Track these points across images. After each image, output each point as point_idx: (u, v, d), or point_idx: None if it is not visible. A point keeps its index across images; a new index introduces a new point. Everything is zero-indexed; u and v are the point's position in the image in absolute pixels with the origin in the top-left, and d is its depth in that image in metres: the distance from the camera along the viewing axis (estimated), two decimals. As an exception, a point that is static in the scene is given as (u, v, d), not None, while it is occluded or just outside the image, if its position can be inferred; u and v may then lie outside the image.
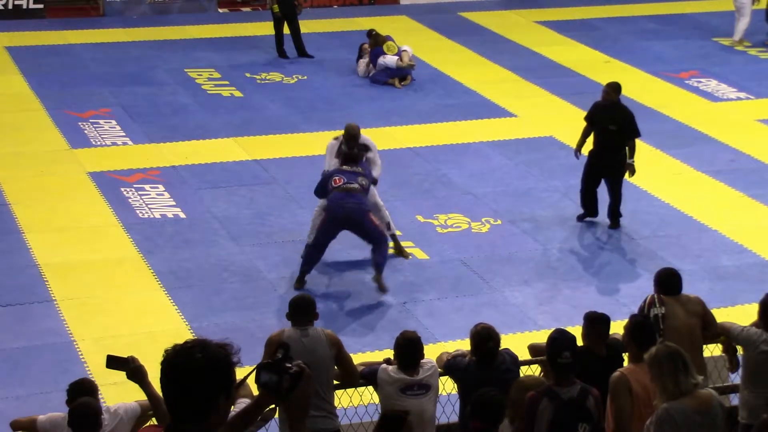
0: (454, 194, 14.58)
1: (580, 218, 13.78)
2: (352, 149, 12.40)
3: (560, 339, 7.40)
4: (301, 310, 8.13)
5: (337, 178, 12.00)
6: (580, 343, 8.33)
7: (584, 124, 13.69)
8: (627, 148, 13.38)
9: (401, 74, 18.95)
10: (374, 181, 12.57)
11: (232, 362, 3.71)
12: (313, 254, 12.10)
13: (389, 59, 18.89)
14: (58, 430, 7.28)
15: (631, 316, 8.12)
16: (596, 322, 8.23)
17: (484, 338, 7.86)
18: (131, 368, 6.89)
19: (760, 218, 14.06)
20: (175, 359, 3.73)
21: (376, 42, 19.18)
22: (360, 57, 19.58)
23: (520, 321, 11.50)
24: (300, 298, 8.30)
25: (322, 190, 12.19)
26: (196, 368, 3.70)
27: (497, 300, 11.94)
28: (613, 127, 13.34)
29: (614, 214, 13.67)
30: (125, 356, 6.72)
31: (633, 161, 13.41)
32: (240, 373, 3.96)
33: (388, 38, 19.31)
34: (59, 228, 13.45)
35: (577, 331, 8.22)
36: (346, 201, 11.84)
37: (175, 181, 14.87)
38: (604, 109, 13.56)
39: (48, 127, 16.65)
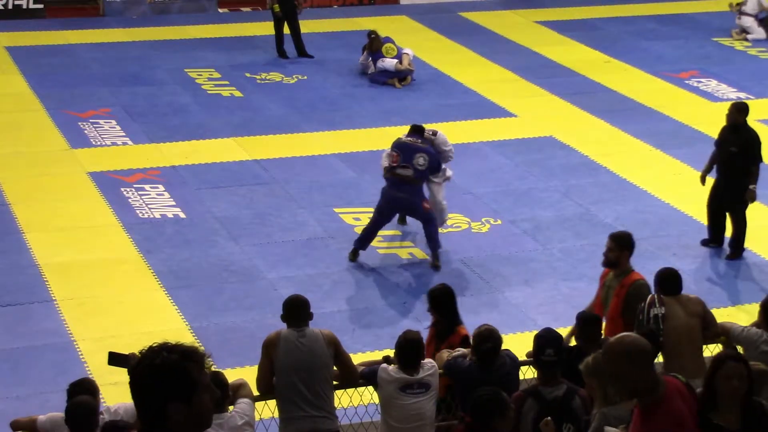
0: (454, 194, 14.55)
1: (704, 243, 13.09)
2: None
3: (545, 337, 7.46)
4: (296, 311, 8.09)
5: (395, 153, 12.37)
6: (574, 342, 8.37)
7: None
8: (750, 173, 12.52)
9: (400, 74, 18.95)
10: (446, 177, 12.98)
11: (185, 369, 3.59)
12: (369, 232, 12.60)
13: (388, 62, 18.89)
14: (58, 430, 7.28)
15: (638, 328, 8.14)
16: (588, 323, 8.27)
17: (484, 339, 7.87)
18: (132, 365, 6.88)
19: (760, 218, 14.05)
20: (137, 365, 3.69)
21: (375, 45, 19.17)
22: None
23: (520, 321, 11.50)
24: (294, 298, 8.22)
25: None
26: (144, 375, 3.65)
27: (497, 300, 11.94)
28: (734, 149, 12.55)
29: (734, 243, 12.85)
30: (127, 353, 6.73)
31: (754, 187, 12.52)
32: (239, 373, 3.95)
33: (387, 40, 19.30)
34: (59, 228, 13.45)
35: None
36: (397, 193, 12.29)
37: (175, 181, 14.87)
38: (727, 131, 12.79)
39: (48, 127, 16.65)
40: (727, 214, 12.79)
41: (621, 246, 9.31)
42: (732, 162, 12.55)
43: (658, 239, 13.39)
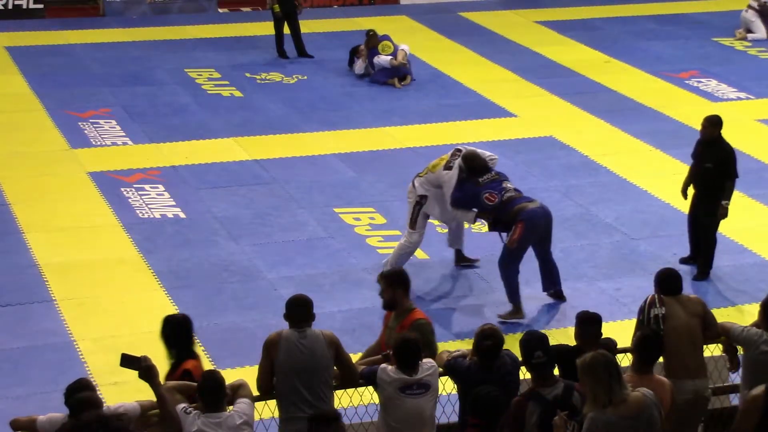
0: (454, 194, 14.57)
1: (683, 261, 12.62)
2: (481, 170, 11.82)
3: (530, 340, 7.46)
4: (299, 311, 8.08)
5: (490, 192, 11.54)
6: (573, 342, 8.37)
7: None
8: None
9: (400, 74, 18.94)
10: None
11: None
12: (516, 273, 11.59)
13: (383, 59, 18.90)
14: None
15: (642, 329, 8.13)
16: (587, 323, 8.27)
17: (485, 336, 7.86)
18: (142, 367, 6.90)
19: (760, 218, 14.05)
20: None
21: (372, 42, 19.19)
22: (352, 59, 19.54)
23: (520, 321, 11.49)
24: (297, 298, 8.21)
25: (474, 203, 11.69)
26: None
27: (497, 300, 11.93)
28: (709, 165, 12.12)
29: (702, 262, 12.43)
30: (138, 355, 6.73)
31: (727, 203, 12.13)
32: (239, 373, 3.95)
33: (384, 38, 19.31)
34: (59, 228, 13.45)
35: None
36: (544, 211, 11.58)
37: (175, 181, 14.87)
38: (702, 146, 12.35)
39: (48, 127, 16.65)
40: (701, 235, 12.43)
41: (391, 284, 8.74)
42: (707, 177, 12.20)
43: (658, 239, 13.39)
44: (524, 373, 8.20)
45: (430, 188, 12.00)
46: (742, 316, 11.16)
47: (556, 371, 8.28)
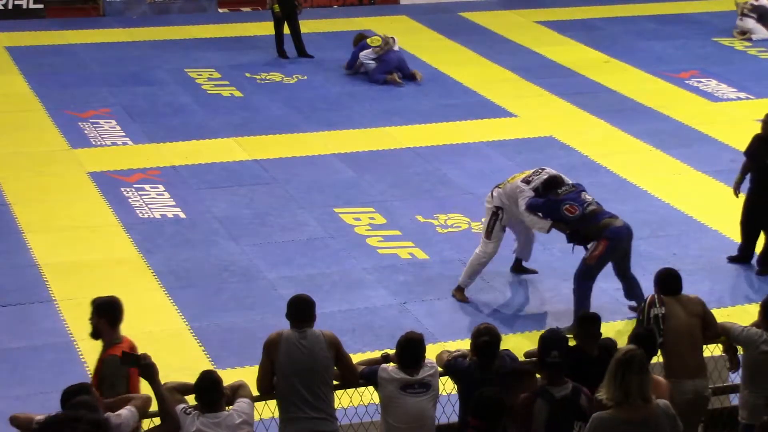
0: (454, 194, 14.58)
1: (731, 259, 12.61)
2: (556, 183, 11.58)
3: (550, 338, 7.46)
4: (301, 311, 8.07)
5: (570, 204, 11.29)
6: (573, 342, 8.37)
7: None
8: None
9: (392, 66, 18.93)
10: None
11: None
12: (589, 290, 11.34)
13: (368, 51, 19.02)
14: None
15: (634, 328, 8.09)
16: (587, 322, 8.27)
17: (480, 333, 7.89)
18: (142, 365, 6.89)
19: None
20: None
21: (361, 38, 19.33)
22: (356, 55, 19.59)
23: (520, 321, 11.50)
24: (298, 298, 8.19)
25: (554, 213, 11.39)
26: None
27: (497, 300, 11.93)
28: None
29: (763, 258, 12.38)
30: (138, 353, 6.74)
31: None
32: (239, 374, 3.95)
33: (375, 34, 19.47)
34: (59, 228, 13.45)
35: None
36: (628, 230, 11.39)
37: (175, 181, 14.87)
38: (760, 141, 12.36)
39: (48, 127, 16.65)
40: (762, 230, 12.39)
41: (97, 312, 8.32)
42: (766, 174, 12.21)
43: (658, 239, 13.39)
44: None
45: (506, 201, 11.66)
46: (743, 316, 11.15)
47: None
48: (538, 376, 7.73)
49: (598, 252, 11.15)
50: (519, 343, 9.33)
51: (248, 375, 8.26)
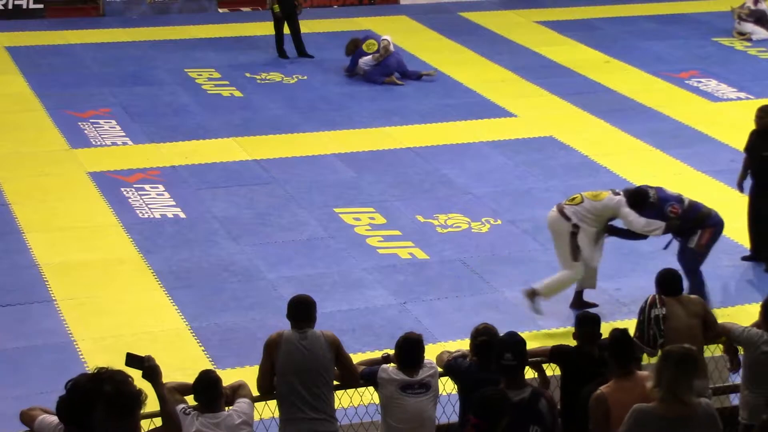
0: (454, 194, 14.58)
1: (745, 258, 12.69)
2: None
3: (504, 342, 7.35)
4: (301, 312, 8.06)
5: (674, 204, 11.43)
6: (573, 343, 8.35)
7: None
8: None
9: (391, 70, 18.91)
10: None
11: None
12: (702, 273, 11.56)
13: (367, 58, 18.94)
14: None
15: (612, 330, 7.91)
16: (585, 323, 8.25)
17: (479, 333, 7.90)
18: (146, 366, 6.89)
19: (761, 218, 14.03)
20: None
21: (355, 45, 19.23)
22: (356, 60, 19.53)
23: (520, 321, 11.46)
24: (299, 298, 8.18)
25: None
26: None
27: (497, 300, 11.93)
28: (767, 153, 12.19)
29: None
30: (142, 355, 6.75)
31: None
32: (239, 374, 3.94)
33: (368, 36, 19.40)
34: (59, 228, 13.45)
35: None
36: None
37: (175, 181, 14.87)
38: (756, 135, 12.43)
39: (48, 127, 16.65)
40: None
41: None
42: (765, 167, 12.27)
43: (657, 239, 13.36)
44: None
45: (589, 216, 11.41)
46: (743, 316, 11.14)
47: (549, 372, 8.30)
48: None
49: (705, 240, 11.47)
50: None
51: (248, 375, 8.26)
